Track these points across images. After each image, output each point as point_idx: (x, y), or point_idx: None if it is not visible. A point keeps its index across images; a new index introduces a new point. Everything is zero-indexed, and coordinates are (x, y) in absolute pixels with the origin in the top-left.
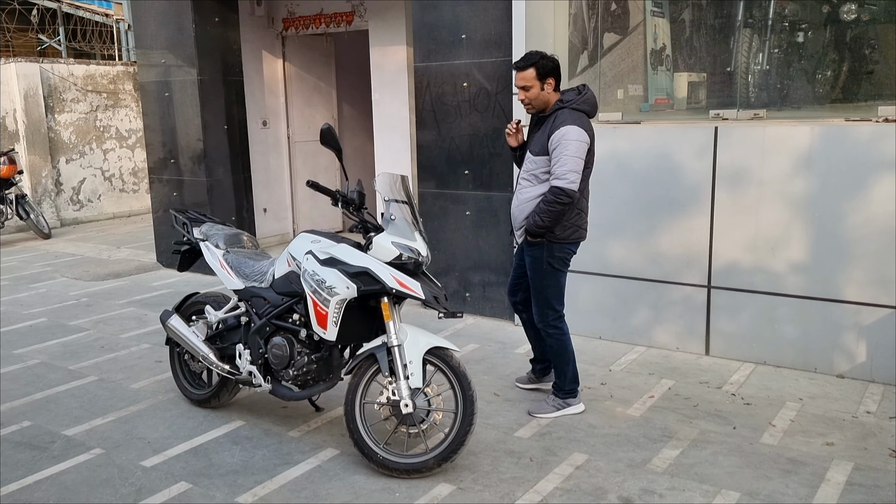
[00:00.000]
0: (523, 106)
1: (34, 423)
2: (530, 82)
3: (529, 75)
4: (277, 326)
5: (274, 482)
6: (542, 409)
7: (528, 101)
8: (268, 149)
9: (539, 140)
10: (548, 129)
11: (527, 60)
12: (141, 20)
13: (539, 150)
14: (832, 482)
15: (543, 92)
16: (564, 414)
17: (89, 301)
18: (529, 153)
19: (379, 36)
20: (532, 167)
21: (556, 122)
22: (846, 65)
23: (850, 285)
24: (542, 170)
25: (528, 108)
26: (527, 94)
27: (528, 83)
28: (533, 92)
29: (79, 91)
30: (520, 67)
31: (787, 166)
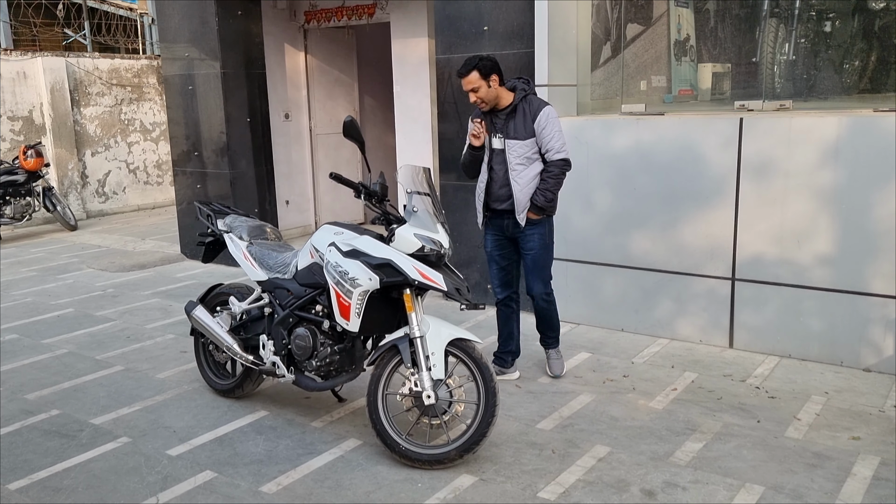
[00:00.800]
0: (480, 106)
1: (63, 411)
2: (477, 83)
3: (474, 78)
4: (300, 317)
5: (297, 472)
6: (560, 365)
7: (481, 101)
8: (290, 141)
9: (521, 126)
10: (528, 115)
11: (468, 66)
12: (165, 14)
13: (526, 135)
14: (858, 477)
15: (491, 89)
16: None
17: (115, 292)
18: (515, 140)
19: (400, 28)
20: (523, 151)
21: (534, 107)
22: (874, 54)
23: (878, 278)
24: (533, 151)
25: (482, 106)
26: (478, 95)
27: (475, 85)
28: (482, 91)
29: (104, 85)
30: (463, 74)
31: (814, 158)
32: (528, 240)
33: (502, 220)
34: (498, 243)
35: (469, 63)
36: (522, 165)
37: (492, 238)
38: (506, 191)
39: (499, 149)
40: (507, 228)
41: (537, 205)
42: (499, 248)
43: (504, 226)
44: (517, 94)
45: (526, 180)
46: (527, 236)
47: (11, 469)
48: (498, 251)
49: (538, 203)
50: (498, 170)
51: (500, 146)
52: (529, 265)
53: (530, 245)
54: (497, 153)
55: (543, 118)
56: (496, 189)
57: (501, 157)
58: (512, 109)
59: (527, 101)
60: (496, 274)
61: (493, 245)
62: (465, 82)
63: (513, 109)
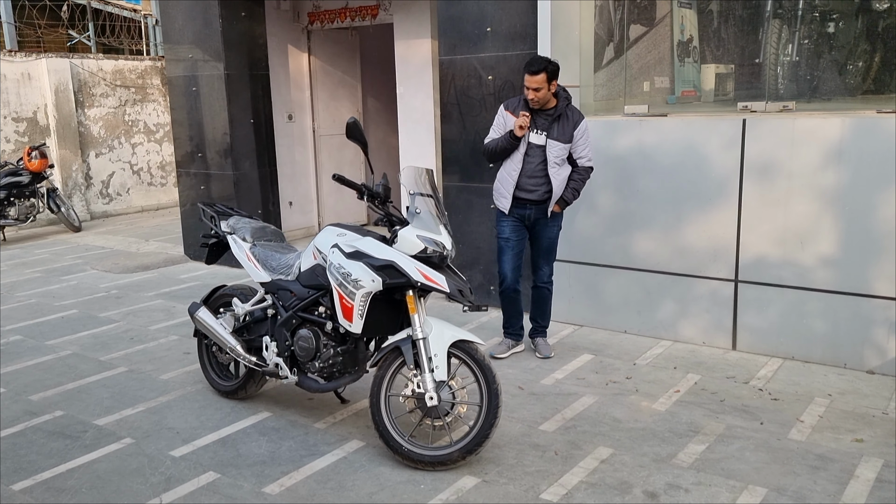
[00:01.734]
0: (532, 102)
1: (66, 412)
2: (542, 84)
3: (542, 79)
4: (304, 319)
5: (300, 473)
6: (548, 347)
7: (536, 100)
8: (293, 142)
9: (564, 131)
10: (571, 122)
11: (538, 65)
12: (168, 15)
13: (566, 139)
14: (861, 479)
15: (549, 92)
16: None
17: (119, 293)
18: (556, 141)
19: (404, 29)
20: (561, 153)
21: (575, 116)
22: (878, 55)
23: (881, 280)
24: (567, 153)
25: (534, 104)
26: (538, 94)
27: (539, 85)
28: (542, 93)
29: (108, 86)
30: (534, 72)
31: (817, 159)
32: (550, 228)
33: (524, 209)
34: (516, 230)
35: (539, 63)
36: (558, 165)
37: (511, 224)
38: (535, 182)
39: (537, 144)
40: (528, 217)
41: (567, 201)
42: (516, 234)
43: (526, 215)
44: (561, 101)
45: (562, 178)
46: (549, 225)
47: (15, 470)
48: (515, 237)
49: (568, 199)
50: (531, 162)
51: (540, 143)
52: (544, 251)
53: (550, 233)
54: (533, 148)
55: (582, 128)
56: (524, 179)
57: (538, 152)
58: (559, 113)
59: (570, 108)
60: (510, 259)
61: (511, 231)
62: (531, 80)
63: (560, 114)
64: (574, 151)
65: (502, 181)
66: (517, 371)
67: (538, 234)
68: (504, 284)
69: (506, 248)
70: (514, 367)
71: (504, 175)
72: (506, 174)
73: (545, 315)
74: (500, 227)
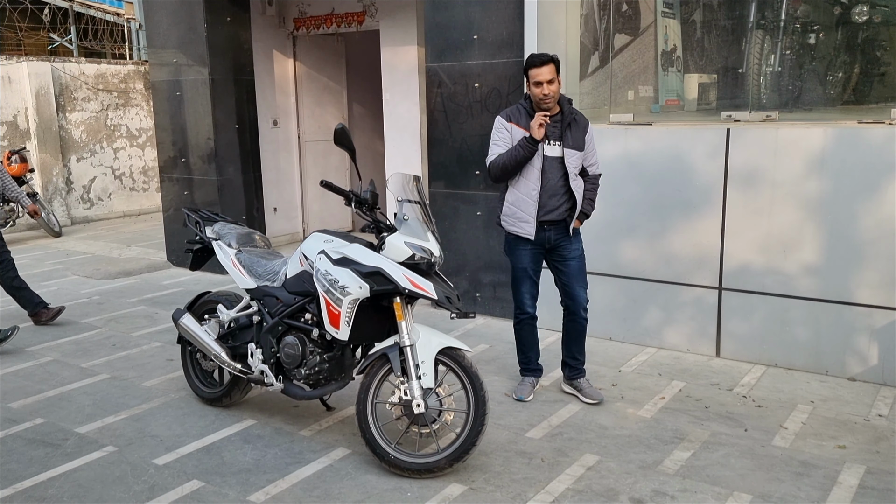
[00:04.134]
0: (543, 102)
1: (47, 420)
2: (553, 76)
3: (552, 69)
4: (290, 326)
5: (286, 481)
6: (597, 392)
7: (550, 97)
8: (278, 148)
9: (577, 137)
10: (580, 126)
11: (543, 56)
12: (152, 19)
13: (581, 146)
14: (844, 485)
15: (559, 87)
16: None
17: (100, 299)
18: (573, 150)
19: (390, 36)
20: (579, 162)
21: (582, 120)
22: (858, 66)
23: (863, 288)
24: (581, 164)
25: (548, 103)
26: (551, 88)
27: (550, 77)
28: (555, 86)
29: (90, 90)
30: (541, 62)
31: (800, 168)
32: (573, 248)
33: (543, 231)
34: (535, 258)
35: (542, 55)
36: (576, 177)
37: (531, 252)
38: (556, 201)
39: (554, 156)
40: (548, 240)
41: (587, 214)
42: (535, 262)
43: (545, 238)
44: (565, 106)
45: (581, 191)
46: (573, 244)
47: None
48: (534, 266)
49: (588, 213)
50: (550, 178)
51: (557, 154)
52: (574, 272)
53: (575, 252)
54: (550, 161)
55: (591, 133)
56: (544, 199)
57: (556, 165)
58: (568, 119)
59: (576, 112)
60: (529, 290)
61: (531, 260)
62: (539, 71)
63: (569, 120)
64: (585, 159)
65: (519, 204)
66: (504, 378)
67: (563, 256)
68: (522, 315)
69: (523, 279)
70: (500, 375)
71: (521, 197)
72: (522, 195)
73: (582, 350)
74: (517, 255)
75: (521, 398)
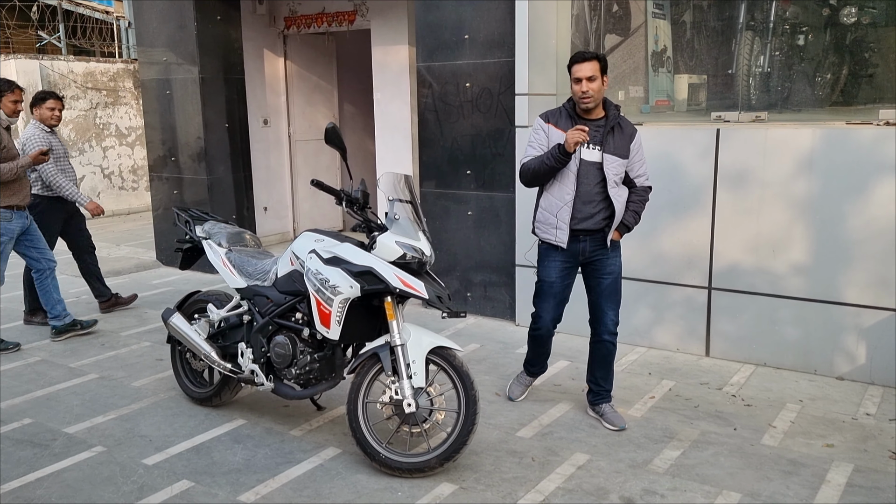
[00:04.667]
0: (582, 100)
1: (35, 420)
2: (596, 73)
3: (595, 67)
4: (280, 325)
5: (276, 481)
6: (620, 417)
7: (590, 95)
8: (269, 147)
9: (621, 144)
10: (625, 133)
11: (589, 53)
12: (142, 18)
13: (624, 154)
14: (832, 483)
15: (603, 88)
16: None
17: (89, 299)
18: (614, 157)
19: (381, 35)
20: (620, 170)
21: (629, 127)
22: (846, 68)
23: (851, 287)
24: (624, 172)
25: (587, 102)
26: (591, 86)
27: (592, 74)
28: (596, 84)
29: (78, 88)
30: (586, 58)
31: (789, 169)
32: (610, 263)
33: (576, 242)
34: (565, 271)
35: (587, 52)
36: (616, 184)
37: (559, 265)
38: (591, 208)
39: (592, 161)
40: (582, 252)
41: (628, 226)
42: (564, 276)
43: (579, 249)
44: (611, 110)
45: (622, 200)
46: (610, 259)
47: None
48: (562, 281)
49: (630, 225)
50: (586, 184)
51: (595, 159)
52: (608, 291)
53: (612, 268)
54: (587, 166)
55: (638, 141)
56: (579, 205)
57: (594, 171)
58: (612, 124)
59: (622, 118)
60: (552, 309)
61: (559, 273)
62: (585, 67)
63: (613, 124)
64: (631, 169)
65: (551, 209)
66: (494, 378)
67: (598, 271)
68: (538, 327)
69: (548, 293)
70: (490, 374)
71: (553, 201)
72: (555, 200)
73: (609, 376)
74: (545, 266)
75: (511, 397)
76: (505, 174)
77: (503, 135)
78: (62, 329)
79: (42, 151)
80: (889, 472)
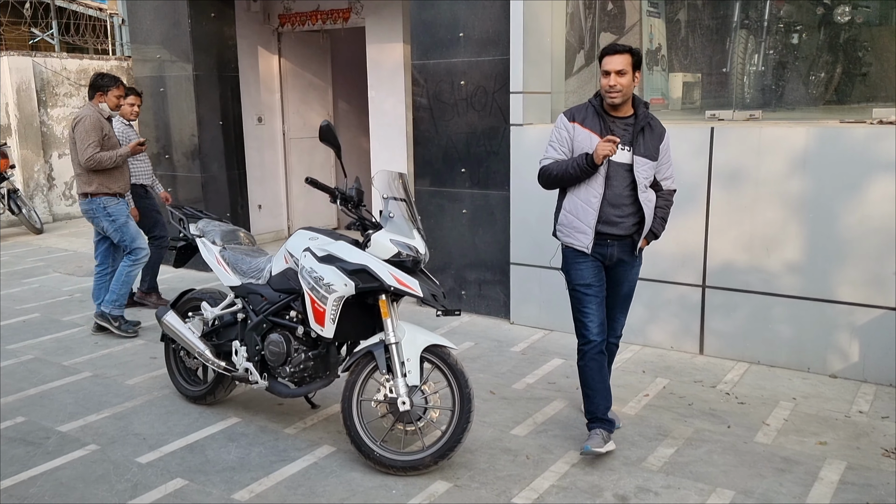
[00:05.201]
0: (609, 94)
1: (28, 418)
2: (627, 67)
3: (627, 60)
4: (274, 323)
5: (270, 479)
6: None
7: (618, 90)
8: (263, 145)
9: (650, 144)
10: (655, 134)
11: (621, 46)
12: (136, 15)
13: (654, 155)
14: (825, 481)
15: (634, 84)
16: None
17: (82, 296)
18: (645, 159)
19: (376, 33)
20: (650, 173)
21: (658, 127)
22: (840, 67)
23: (844, 286)
24: (653, 175)
25: (614, 97)
26: (621, 81)
27: (623, 67)
28: (627, 78)
29: (72, 85)
30: (617, 51)
31: (783, 167)
32: (633, 270)
33: (605, 246)
34: (597, 272)
35: (619, 45)
36: (646, 188)
37: (592, 267)
38: (621, 212)
39: (622, 163)
40: (609, 257)
41: (656, 234)
42: (598, 279)
43: (607, 254)
44: (640, 108)
45: (652, 205)
46: (634, 268)
47: None
48: (598, 283)
49: (658, 232)
50: (615, 186)
51: (625, 160)
52: (623, 298)
53: (633, 276)
54: (616, 168)
55: (667, 142)
56: (606, 208)
57: (623, 173)
58: (641, 124)
59: (652, 117)
60: (595, 311)
61: (594, 276)
62: (616, 60)
63: (643, 124)
64: (658, 171)
65: (577, 211)
66: (489, 376)
67: (619, 278)
68: (586, 345)
69: (588, 297)
70: (485, 372)
71: (579, 204)
72: (581, 202)
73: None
74: (575, 271)
75: (587, 449)
76: (500, 172)
77: (498, 133)
78: (113, 317)
79: (140, 142)
80: (882, 470)
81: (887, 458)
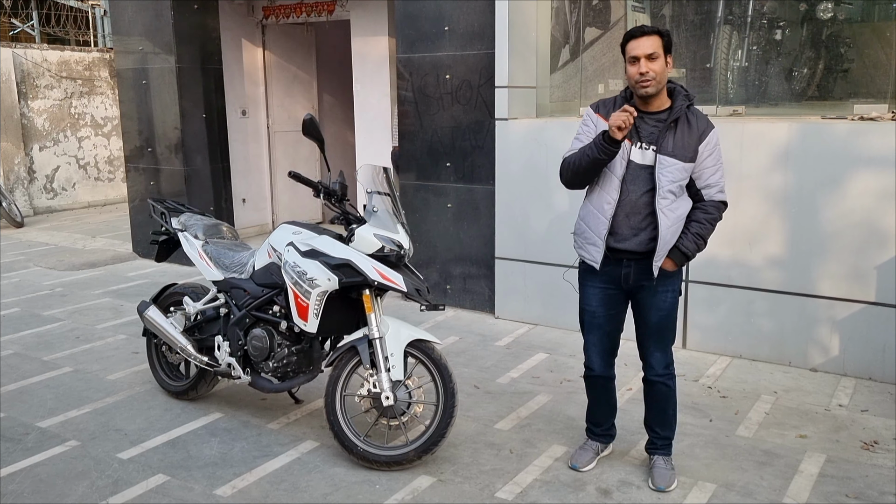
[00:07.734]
0: (640, 84)
1: (7, 414)
2: (658, 50)
3: (656, 43)
4: (257, 318)
5: (253, 474)
6: (668, 477)
7: (651, 77)
8: (247, 138)
9: (682, 143)
10: (695, 131)
11: (648, 27)
12: (118, 6)
13: (687, 156)
14: (805, 474)
15: (666, 70)
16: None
17: (64, 291)
18: (672, 159)
19: (361, 26)
20: (678, 176)
21: (701, 124)
22: (822, 63)
23: (825, 280)
24: (686, 178)
25: (646, 86)
26: (652, 67)
27: (653, 51)
28: (659, 64)
29: (53, 77)
30: (645, 33)
31: (765, 162)
32: (658, 297)
33: (619, 266)
34: (607, 300)
35: (644, 26)
36: (673, 195)
37: (599, 292)
38: (635, 223)
39: (641, 164)
40: (625, 279)
41: (685, 253)
42: (606, 306)
43: (621, 275)
44: (678, 100)
45: (675, 216)
46: (658, 292)
47: None
48: (605, 311)
49: (689, 252)
50: (631, 192)
51: (645, 161)
52: (653, 329)
53: (661, 304)
54: (636, 169)
55: (713, 141)
56: (620, 218)
57: (644, 176)
58: (675, 117)
59: (692, 112)
60: (597, 343)
61: (600, 302)
62: (635, 45)
63: (677, 117)
64: (699, 177)
65: (588, 219)
66: (473, 370)
67: (643, 306)
68: (588, 366)
69: (591, 327)
70: (469, 367)
71: (591, 211)
72: (594, 209)
73: (665, 421)
74: (583, 291)
75: (574, 466)
76: (484, 166)
77: (483, 127)
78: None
79: None
80: (861, 463)
81: (866, 450)
